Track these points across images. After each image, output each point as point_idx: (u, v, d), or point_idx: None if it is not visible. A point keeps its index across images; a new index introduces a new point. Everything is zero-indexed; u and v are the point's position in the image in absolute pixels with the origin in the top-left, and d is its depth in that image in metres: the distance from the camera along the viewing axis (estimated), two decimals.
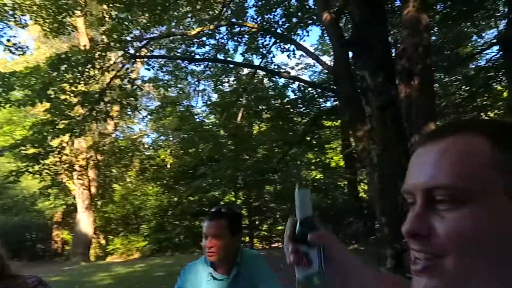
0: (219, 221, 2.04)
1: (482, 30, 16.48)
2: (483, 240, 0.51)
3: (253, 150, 18.86)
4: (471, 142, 0.54)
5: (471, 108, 16.36)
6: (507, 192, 0.51)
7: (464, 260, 0.52)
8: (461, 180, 0.52)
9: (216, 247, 1.99)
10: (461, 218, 0.52)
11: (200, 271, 2.12)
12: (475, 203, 0.51)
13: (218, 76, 17.79)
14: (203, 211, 18.95)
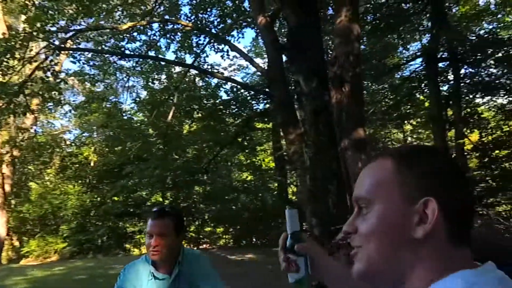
0: (165, 220, 2.02)
1: (407, 42, 17.69)
2: (382, 231, 0.72)
3: (183, 150, 18.62)
4: (382, 164, 0.76)
5: (396, 116, 17.44)
6: (401, 196, 0.72)
7: (372, 246, 0.72)
8: (369, 192, 0.75)
9: (161, 246, 1.97)
10: (370, 218, 0.74)
11: (140, 271, 2.08)
12: (376, 207, 0.73)
13: (148, 73, 17.31)
14: (128, 211, 18.56)
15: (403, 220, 0.70)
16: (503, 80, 14.42)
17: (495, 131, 15.63)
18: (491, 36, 13.90)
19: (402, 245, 0.70)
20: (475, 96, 15.96)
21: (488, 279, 0.65)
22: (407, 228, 0.70)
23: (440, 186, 0.70)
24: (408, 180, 0.72)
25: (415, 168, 0.73)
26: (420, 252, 0.69)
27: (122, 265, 9.32)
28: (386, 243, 0.71)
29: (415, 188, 0.71)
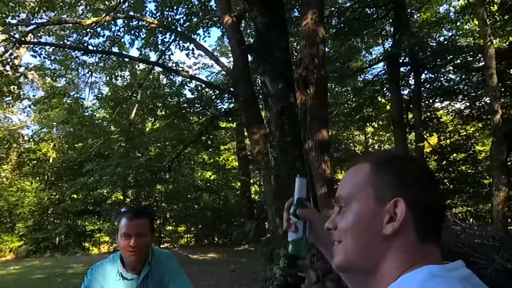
0: (143, 220, 2.02)
1: (370, 46, 18.11)
2: (359, 228, 0.79)
3: (146, 148, 18.39)
4: (361, 168, 0.84)
5: (358, 118, 17.81)
6: (375, 197, 0.79)
7: (351, 241, 0.80)
8: (347, 192, 0.83)
9: (140, 246, 1.96)
10: (348, 216, 0.81)
11: (108, 271, 2.06)
12: (354, 206, 0.81)
13: (112, 70, 16.94)
14: (87, 209, 18.17)
15: (376, 219, 0.78)
16: (461, 86, 14.99)
17: (453, 135, 16.27)
18: (451, 43, 14.44)
19: (374, 241, 0.77)
20: (435, 101, 16.56)
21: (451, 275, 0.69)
22: (378, 226, 0.77)
23: (408, 188, 0.77)
24: (381, 182, 0.80)
25: (387, 172, 0.80)
26: (390, 247, 0.76)
27: (80, 264, 9.14)
28: (360, 239, 0.79)
29: (387, 189, 0.78)
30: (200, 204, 21.09)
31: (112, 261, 2.10)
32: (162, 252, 2.18)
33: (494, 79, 9.21)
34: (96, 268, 2.10)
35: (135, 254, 1.97)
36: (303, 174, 1.13)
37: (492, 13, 12.19)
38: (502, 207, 8.87)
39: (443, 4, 17.48)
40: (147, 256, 2.06)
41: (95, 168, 15.77)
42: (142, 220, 2.01)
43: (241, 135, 18.10)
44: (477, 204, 15.66)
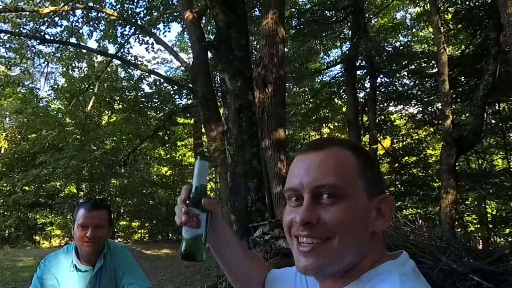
0: (101, 212, 2.02)
1: (329, 49, 18.43)
2: (354, 224, 0.71)
3: (101, 141, 18.06)
4: (343, 154, 0.76)
5: (315, 119, 18.10)
6: (365, 191, 0.73)
7: (344, 239, 0.71)
8: (339, 181, 0.72)
9: (97, 237, 1.96)
10: (341, 209, 0.71)
11: (62, 262, 2.05)
12: (348, 198, 0.72)
13: (69, 60, 16.42)
14: (39, 202, 17.92)
15: (367, 215, 0.73)
16: (414, 91, 15.54)
17: (405, 138, 16.83)
18: (406, 49, 14.94)
19: (363, 239, 0.73)
20: (389, 104, 17.07)
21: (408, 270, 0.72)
22: (369, 223, 0.73)
23: (383, 184, 0.78)
24: (370, 176, 0.75)
25: (372, 165, 0.77)
26: (373, 243, 0.74)
27: (30, 257, 8.80)
28: (353, 236, 0.72)
29: (373, 184, 0.75)
30: (155, 199, 20.93)
31: (66, 252, 2.08)
32: (117, 245, 2.18)
33: (446, 86, 9.60)
34: (49, 258, 2.07)
35: (91, 245, 1.96)
36: (205, 157, 0.98)
37: (446, 21, 12.70)
38: (450, 209, 9.24)
39: (400, 11, 18.08)
40: (103, 248, 2.05)
41: (49, 160, 15.53)
42: (100, 211, 2.01)
43: (198, 131, 18.07)
44: (427, 206, 16.26)
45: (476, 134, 9.62)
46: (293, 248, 0.77)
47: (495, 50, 9.16)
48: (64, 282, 2.00)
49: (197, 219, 0.91)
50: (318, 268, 0.73)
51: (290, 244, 0.79)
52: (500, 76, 9.80)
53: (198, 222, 0.91)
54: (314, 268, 0.73)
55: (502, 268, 4.57)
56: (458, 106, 14.42)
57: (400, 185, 16.68)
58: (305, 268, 0.74)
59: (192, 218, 0.91)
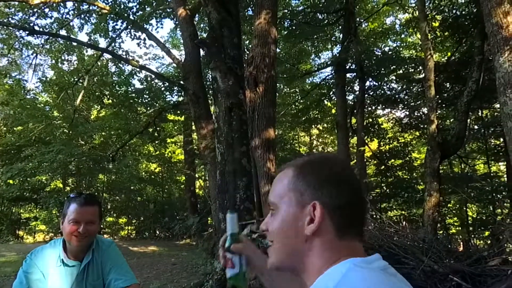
0: (93, 207, 2.02)
1: (320, 51, 18.57)
2: (284, 231, 0.86)
3: (90, 136, 17.83)
4: (287, 173, 0.90)
5: (304, 120, 18.24)
6: (297, 202, 0.85)
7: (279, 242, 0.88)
8: (274, 198, 0.90)
9: (88, 233, 1.96)
10: (275, 220, 0.89)
11: (48, 257, 2.03)
12: (280, 210, 0.88)
13: (58, 53, 16.23)
14: (24, 196, 17.59)
15: (298, 222, 0.84)
16: (402, 95, 15.79)
17: (392, 141, 17.08)
18: (394, 54, 15.17)
19: (298, 242, 0.84)
20: (377, 108, 17.31)
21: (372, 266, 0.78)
22: (301, 228, 0.83)
23: (324, 191, 0.83)
24: (301, 187, 0.86)
25: (306, 177, 0.86)
26: (312, 246, 0.83)
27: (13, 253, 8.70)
28: (286, 240, 0.86)
29: (305, 193, 0.85)
30: (143, 196, 20.78)
31: (53, 246, 2.07)
32: (105, 241, 2.18)
33: (432, 91, 9.80)
34: (36, 253, 2.06)
35: (82, 241, 1.96)
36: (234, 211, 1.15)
37: (433, 28, 12.94)
38: (433, 212, 9.42)
39: (390, 16, 18.33)
40: (91, 243, 2.05)
41: (35, 154, 15.18)
42: (92, 207, 2.01)
43: (189, 128, 17.99)
44: (411, 208, 16.52)
45: (459, 139, 9.86)
46: None
47: (479, 58, 9.41)
48: (50, 277, 1.99)
49: (231, 261, 1.12)
50: (271, 264, 0.91)
51: None
52: (484, 84, 10.06)
53: (232, 263, 1.12)
54: (269, 265, 0.91)
55: (480, 270, 4.72)
56: (443, 111, 14.71)
57: (386, 187, 16.92)
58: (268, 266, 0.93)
59: (229, 261, 1.13)
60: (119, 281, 2.00)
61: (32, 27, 12.67)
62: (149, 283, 7.88)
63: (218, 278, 6.33)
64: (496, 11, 6.17)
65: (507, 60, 5.94)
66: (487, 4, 6.38)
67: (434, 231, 9.17)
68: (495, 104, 12.01)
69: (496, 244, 5.53)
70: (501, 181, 14.56)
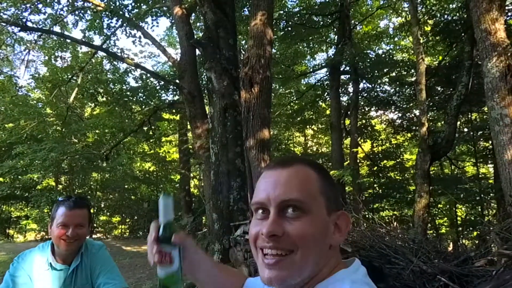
0: (82, 211, 1.99)
1: (315, 52, 18.67)
2: (316, 239, 0.77)
3: (83, 134, 17.70)
4: (307, 172, 0.82)
5: (299, 120, 18.35)
6: (325, 207, 0.80)
7: (306, 253, 0.77)
8: (305, 196, 0.79)
9: (77, 236, 1.95)
10: (304, 224, 0.77)
11: (36, 260, 2.00)
12: (310, 213, 0.78)
13: (51, 49, 16.13)
14: (14, 194, 17.43)
15: (326, 230, 0.79)
16: (394, 97, 15.95)
17: (384, 142, 17.25)
18: (388, 57, 15.33)
19: (323, 251, 0.79)
20: (370, 109, 17.47)
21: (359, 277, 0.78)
22: (328, 237, 0.79)
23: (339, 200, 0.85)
24: (330, 193, 0.82)
25: (331, 183, 0.84)
26: (331, 256, 0.81)
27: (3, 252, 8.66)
28: (315, 249, 0.77)
29: (332, 199, 0.81)
30: (137, 195, 20.69)
31: (41, 250, 2.04)
32: (94, 244, 2.15)
33: (423, 94, 9.95)
34: (23, 256, 2.03)
35: (71, 244, 1.94)
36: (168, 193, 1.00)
37: (425, 32, 13.14)
38: (423, 212, 9.57)
39: (384, 20, 18.51)
40: (80, 247, 2.03)
41: (26, 151, 14.84)
42: (81, 210, 1.98)
43: (184, 128, 17.99)
44: (402, 208, 16.71)
45: (449, 141, 10.04)
46: (258, 260, 0.82)
47: (468, 63, 9.61)
48: (37, 281, 1.96)
49: (170, 256, 0.92)
50: (281, 280, 0.77)
51: (255, 257, 0.84)
52: (473, 88, 10.27)
53: (171, 259, 0.92)
54: (278, 280, 0.78)
55: (467, 270, 4.82)
56: (434, 114, 14.91)
57: (378, 188, 17.08)
58: (269, 280, 0.79)
59: (165, 256, 0.91)
60: (108, 285, 1.98)
61: (24, 22, 12.60)
62: (142, 283, 7.83)
63: None
64: (485, 17, 6.32)
65: (495, 65, 6.09)
66: (476, 10, 6.52)
67: (424, 232, 9.32)
68: (484, 108, 12.20)
69: (482, 245, 5.65)
70: (489, 183, 14.80)
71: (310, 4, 15.88)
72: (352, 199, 13.91)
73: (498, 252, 4.65)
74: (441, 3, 13.19)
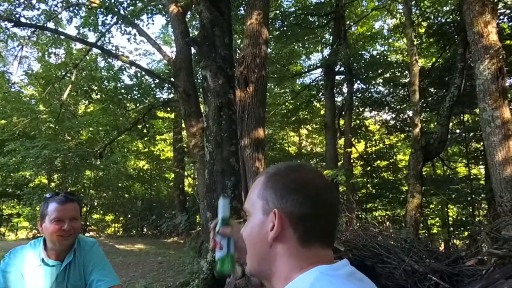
0: (75, 204, 2.01)
1: (310, 52, 18.74)
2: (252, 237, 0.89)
3: (77, 131, 17.62)
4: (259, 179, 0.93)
5: (294, 120, 18.42)
6: (263, 209, 0.88)
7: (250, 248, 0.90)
8: (248, 204, 0.93)
9: (73, 230, 1.96)
10: (246, 226, 0.92)
11: (28, 256, 2.00)
12: (251, 217, 0.91)
13: (45, 46, 16.05)
14: (6, 192, 17.32)
15: (263, 229, 0.86)
16: (388, 98, 16.07)
17: (378, 143, 17.36)
18: (382, 58, 15.43)
19: (264, 248, 0.86)
20: (364, 110, 17.57)
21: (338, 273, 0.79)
22: (265, 235, 0.86)
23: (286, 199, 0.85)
24: (268, 195, 0.87)
25: (274, 185, 0.88)
26: (276, 253, 0.85)
27: None
28: (254, 247, 0.89)
29: (270, 201, 0.87)
30: (131, 193, 20.62)
31: (33, 246, 2.03)
32: (87, 240, 2.14)
33: (417, 96, 10.05)
34: (15, 252, 2.02)
35: (67, 239, 1.95)
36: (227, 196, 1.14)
37: (419, 34, 13.24)
38: (415, 212, 9.67)
39: (379, 21, 18.65)
40: (73, 243, 2.03)
41: (19, 148, 14.78)
42: (73, 204, 2.00)
43: (178, 126, 17.96)
44: (395, 209, 16.83)
45: (442, 142, 10.15)
46: None
47: (461, 65, 9.72)
48: (29, 277, 1.96)
49: (220, 244, 1.15)
50: (247, 271, 0.92)
51: None
52: (465, 90, 10.39)
53: (220, 246, 1.15)
54: (246, 270, 0.93)
55: (457, 269, 4.90)
56: (427, 115, 15.03)
57: (372, 188, 17.19)
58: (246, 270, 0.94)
59: (217, 243, 1.16)
60: (101, 282, 1.98)
61: (18, 18, 12.50)
62: (135, 282, 7.84)
63: (204, 277, 6.39)
64: (478, 20, 6.40)
65: (487, 68, 6.16)
66: (469, 13, 6.60)
67: (416, 232, 9.41)
68: (476, 109, 12.34)
69: (473, 244, 5.74)
70: (480, 184, 14.96)
71: (306, 5, 15.94)
72: (346, 198, 13.98)
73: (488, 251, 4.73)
74: (435, 6, 13.32)
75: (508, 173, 6.28)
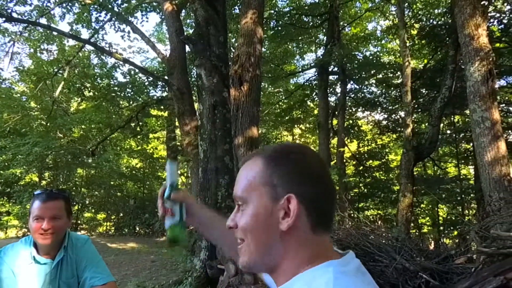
0: (57, 202, 1.94)
1: (304, 52, 18.81)
2: (257, 226, 0.80)
3: (69, 129, 17.47)
4: (255, 163, 0.84)
5: (288, 119, 18.48)
6: (268, 195, 0.80)
7: (252, 239, 0.81)
8: (244, 191, 0.83)
9: (54, 229, 1.89)
10: (245, 215, 0.82)
11: (19, 254, 1.97)
12: (250, 205, 0.81)
13: (37, 42, 15.91)
14: None
15: (271, 216, 0.79)
16: (381, 99, 16.19)
17: (370, 143, 17.49)
18: (375, 59, 15.55)
19: (272, 238, 0.79)
20: (357, 110, 17.68)
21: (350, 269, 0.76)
22: (275, 223, 0.78)
23: (299, 183, 0.79)
24: (274, 179, 0.80)
25: (279, 167, 0.81)
26: (288, 242, 0.79)
27: None
28: (260, 237, 0.80)
29: (279, 186, 0.79)
30: (124, 191, 20.50)
31: (24, 244, 1.99)
32: (79, 237, 2.10)
33: (409, 96, 10.17)
34: (6, 250, 1.98)
35: (48, 238, 1.89)
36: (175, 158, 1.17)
37: (412, 36, 13.37)
38: (406, 212, 9.78)
39: (372, 22, 18.76)
40: (63, 240, 1.98)
41: (9, 146, 14.60)
42: (56, 202, 1.93)
43: (172, 124, 17.88)
44: (386, 208, 16.97)
45: (433, 143, 10.28)
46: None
47: (452, 67, 9.84)
48: (20, 274, 1.92)
49: (171, 211, 1.12)
50: (243, 265, 0.84)
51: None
52: (456, 91, 10.51)
53: (172, 212, 1.12)
54: (241, 265, 0.85)
55: (447, 267, 4.98)
56: (418, 116, 15.18)
57: (364, 187, 17.31)
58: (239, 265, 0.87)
59: (168, 210, 1.13)
60: (95, 279, 1.94)
61: (10, 13, 12.37)
62: (127, 281, 7.79)
63: (198, 275, 6.42)
64: (469, 23, 6.50)
65: (477, 69, 6.26)
66: (460, 16, 6.70)
67: (407, 230, 9.51)
68: (466, 111, 12.51)
69: (462, 243, 5.83)
70: (469, 184, 15.14)
71: (300, 5, 16.02)
72: (338, 198, 14.08)
73: (477, 250, 4.81)
74: (427, 8, 13.45)
75: (497, 173, 6.39)
